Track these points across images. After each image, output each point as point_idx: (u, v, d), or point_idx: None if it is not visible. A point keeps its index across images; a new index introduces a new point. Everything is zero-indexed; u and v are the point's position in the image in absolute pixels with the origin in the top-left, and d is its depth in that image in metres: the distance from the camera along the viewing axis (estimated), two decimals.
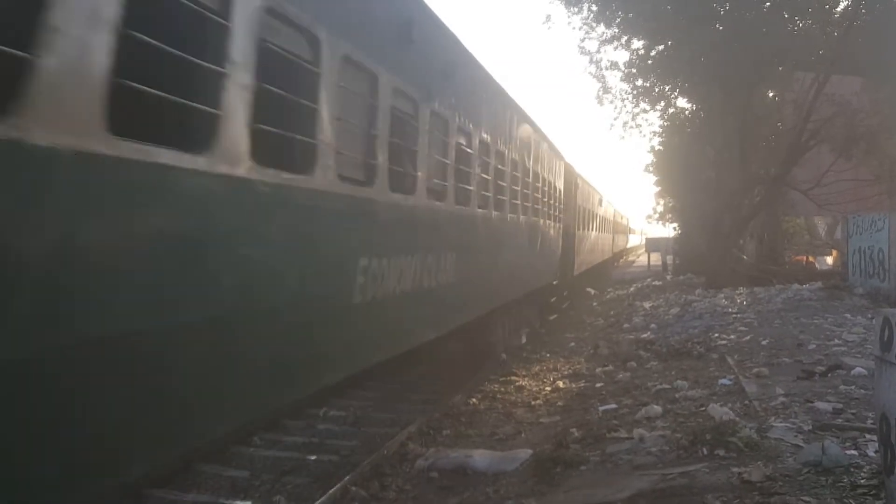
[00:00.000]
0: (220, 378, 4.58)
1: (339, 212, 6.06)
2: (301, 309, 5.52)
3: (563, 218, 20.20)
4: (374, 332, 7.26)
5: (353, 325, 6.56)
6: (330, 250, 6.00)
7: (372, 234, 6.85)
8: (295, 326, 5.44)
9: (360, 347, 6.96)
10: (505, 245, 12.90)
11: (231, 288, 4.54)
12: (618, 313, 21.86)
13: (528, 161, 14.31)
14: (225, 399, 4.73)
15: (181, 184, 4.01)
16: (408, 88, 7.54)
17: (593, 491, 5.96)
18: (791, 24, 24.24)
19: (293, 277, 5.34)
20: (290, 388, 5.73)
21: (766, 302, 18.16)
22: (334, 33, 5.71)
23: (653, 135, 32.01)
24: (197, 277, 4.21)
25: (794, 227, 32.73)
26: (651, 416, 8.07)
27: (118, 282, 3.59)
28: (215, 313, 4.39)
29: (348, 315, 6.41)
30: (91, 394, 3.55)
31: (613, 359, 12.99)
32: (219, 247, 4.42)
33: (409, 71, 7.59)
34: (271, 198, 4.93)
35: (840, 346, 11.19)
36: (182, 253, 4.08)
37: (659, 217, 52.04)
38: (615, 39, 26.38)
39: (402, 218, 7.66)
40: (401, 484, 7.37)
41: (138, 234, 3.74)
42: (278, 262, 5.12)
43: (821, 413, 7.21)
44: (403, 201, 7.62)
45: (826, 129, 22.56)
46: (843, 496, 4.90)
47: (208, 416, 4.64)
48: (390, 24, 7.23)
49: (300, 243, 5.47)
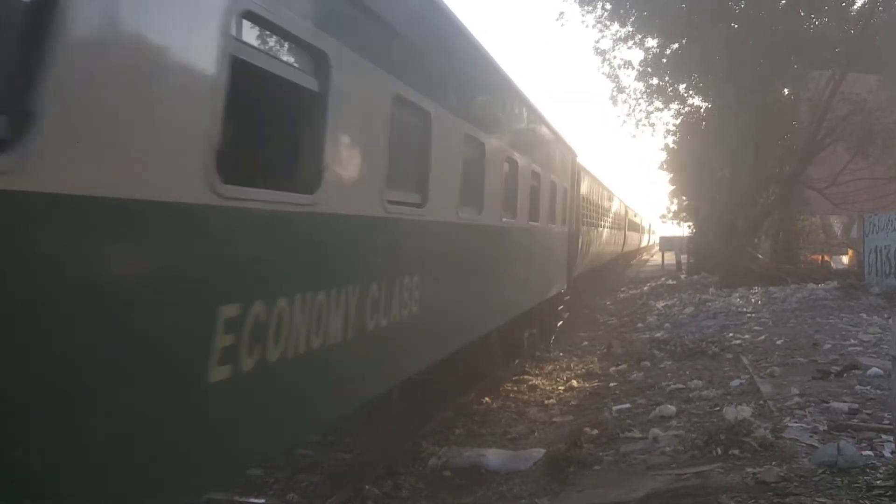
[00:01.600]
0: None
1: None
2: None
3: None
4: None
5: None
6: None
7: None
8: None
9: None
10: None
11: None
12: (631, 312, 21.79)
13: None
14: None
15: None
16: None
17: (607, 490, 5.95)
18: (807, 21, 24.10)
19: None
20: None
21: (781, 301, 18.07)
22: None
23: (667, 133, 31.92)
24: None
25: (809, 226, 32.49)
26: (665, 415, 8.05)
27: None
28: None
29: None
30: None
31: (627, 358, 12.96)
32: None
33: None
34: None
35: (856, 346, 11.12)
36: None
37: (673, 216, 51.78)
38: (629, 38, 26.32)
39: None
40: (414, 482, 7.38)
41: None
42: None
43: (836, 413, 7.17)
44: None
45: (842, 128, 22.42)
46: (858, 497, 4.88)
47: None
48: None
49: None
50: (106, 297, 2.89)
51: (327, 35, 4.43)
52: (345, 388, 5.39)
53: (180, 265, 3.32)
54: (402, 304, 6.06)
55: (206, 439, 3.63)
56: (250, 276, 3.87)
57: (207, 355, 3.49)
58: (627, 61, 27.89)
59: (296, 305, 4.25)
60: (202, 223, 3.46)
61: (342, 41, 4.61)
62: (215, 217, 3.50)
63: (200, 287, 3.46)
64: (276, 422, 4.34)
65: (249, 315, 3.77)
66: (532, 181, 11.57)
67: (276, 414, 4.31)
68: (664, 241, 48.57)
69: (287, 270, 4.25)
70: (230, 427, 3.82)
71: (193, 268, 3.40)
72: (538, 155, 12.35)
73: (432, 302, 6.72)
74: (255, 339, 3.85)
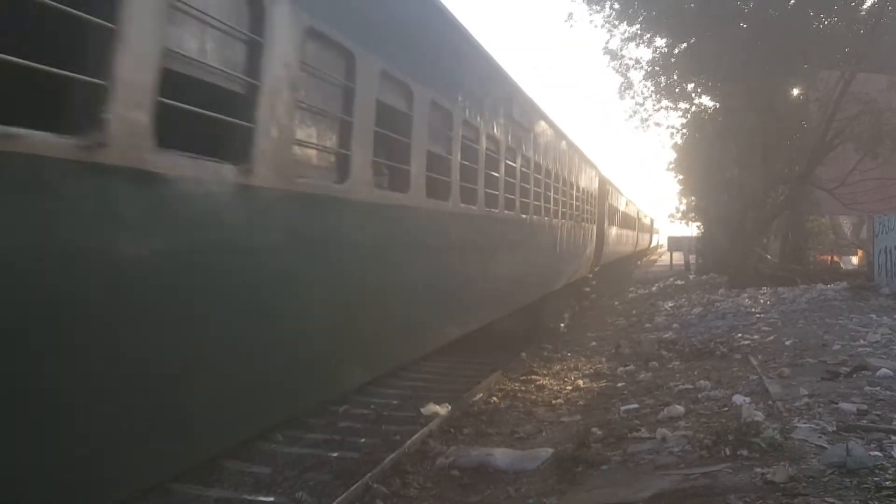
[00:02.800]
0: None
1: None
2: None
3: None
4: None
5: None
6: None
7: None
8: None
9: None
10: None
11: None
12: (640, 313, 21.76)
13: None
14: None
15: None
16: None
17: (615, 490, 5.95)
18: (816, 21, 24.02)
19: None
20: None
21: (790, 302, 18.01)
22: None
23: (674, 131, 31.86)
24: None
25: (818, 226, 32.37)
26: (673, 416, 8.03)
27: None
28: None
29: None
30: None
31: (635, 358, 12.94)
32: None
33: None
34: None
35: (865, 347, 11.07)
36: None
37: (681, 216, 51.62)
38: (637, 37, 26.28)
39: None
40: (422, 481, 7.39)
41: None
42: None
43: (845, 414, 7.14)
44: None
45: (851, 128, 22.31)
46: (867, 498, 4.86)
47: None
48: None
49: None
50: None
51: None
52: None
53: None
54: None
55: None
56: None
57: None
58: (637, 60, 27.85)
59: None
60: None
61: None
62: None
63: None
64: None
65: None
66: (578, 195, 18.52)
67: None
68: (672, 241, 48.39)
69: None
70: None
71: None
72: (581, 179, 19.36)
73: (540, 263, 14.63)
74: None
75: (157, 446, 3.90)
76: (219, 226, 4.09)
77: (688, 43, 24.62)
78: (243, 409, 4.71)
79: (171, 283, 3.71)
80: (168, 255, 3.67)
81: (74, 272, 3.13)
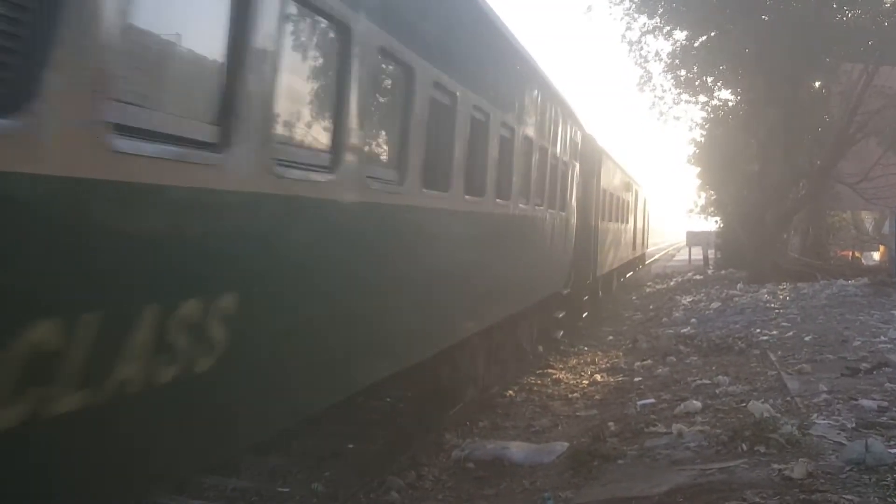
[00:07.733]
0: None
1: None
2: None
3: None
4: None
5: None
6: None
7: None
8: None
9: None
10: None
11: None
12: (657, 307, 21.67)
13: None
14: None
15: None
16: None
17: (631, 485, 5.94)
18: (840, 14, 23.72)
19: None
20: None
21: (809, 297, 17.86)
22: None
23: (694, 125, 31.61)
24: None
25: (839, 221, 32.02)
26: (690, 411, 8.00)
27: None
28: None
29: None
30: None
31: (652, 353, 12.90)
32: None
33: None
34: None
35: (886, 344, 10.98)
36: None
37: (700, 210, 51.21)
38: (657, 30, 26.05)
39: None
40: (437, 474, 7.42)
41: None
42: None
43: (865, 411, 7.09)
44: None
45: (874, 122, 22.05)
46: (886, 495, 4.83)
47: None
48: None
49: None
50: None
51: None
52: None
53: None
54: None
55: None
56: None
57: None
58: (657, 52, 27.57)
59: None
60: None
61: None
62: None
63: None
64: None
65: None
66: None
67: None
68: (691, 235, 48.00)
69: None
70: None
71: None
72: (628, 196, 23.84)
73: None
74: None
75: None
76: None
77: (708, 36, 24.39)
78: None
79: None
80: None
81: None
